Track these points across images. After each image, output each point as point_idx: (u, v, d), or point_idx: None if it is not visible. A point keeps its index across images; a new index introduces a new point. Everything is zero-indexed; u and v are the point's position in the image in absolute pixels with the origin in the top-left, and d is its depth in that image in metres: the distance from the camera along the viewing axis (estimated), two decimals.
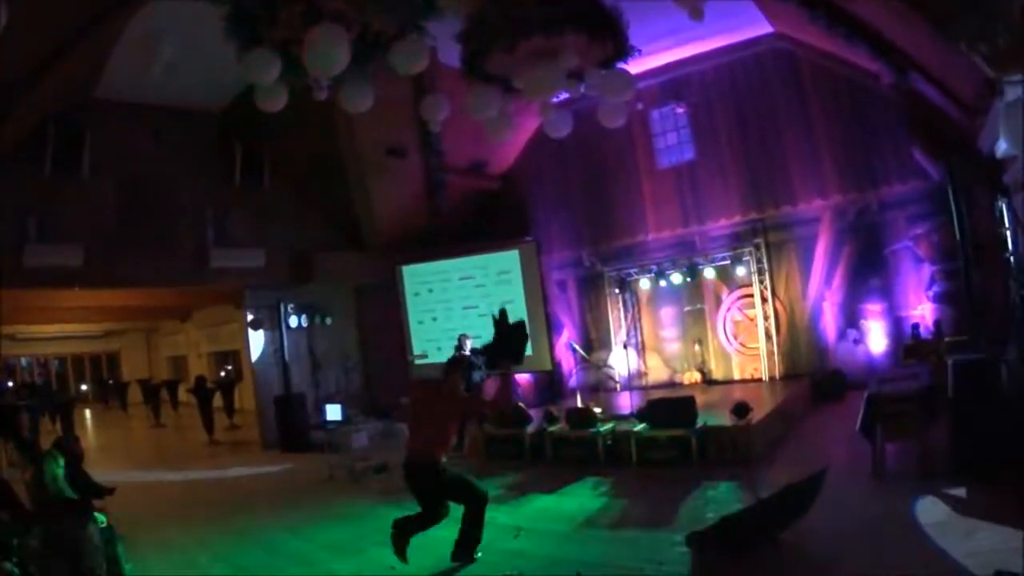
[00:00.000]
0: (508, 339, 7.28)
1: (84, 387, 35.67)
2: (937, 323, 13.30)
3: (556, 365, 18.12)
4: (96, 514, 6.85)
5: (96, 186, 14.21)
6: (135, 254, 14.47)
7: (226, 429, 19.94)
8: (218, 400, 20.29)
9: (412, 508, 7.10)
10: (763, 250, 15.94)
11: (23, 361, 32.91)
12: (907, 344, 13.42)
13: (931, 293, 14.01)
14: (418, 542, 7.01)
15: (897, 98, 12.72)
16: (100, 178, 14.24)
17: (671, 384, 17.13)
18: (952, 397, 7.98)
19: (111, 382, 34.65)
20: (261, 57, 7.74)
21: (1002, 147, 7.69)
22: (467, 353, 12.92)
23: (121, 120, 14.61)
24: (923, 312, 14.02)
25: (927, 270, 14.11)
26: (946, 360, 11.13)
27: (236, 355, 25.16)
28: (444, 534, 7.10)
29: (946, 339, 12.77)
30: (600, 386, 17.34)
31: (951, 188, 11.90)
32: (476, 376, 12.50)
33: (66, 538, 6.26)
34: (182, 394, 25.59)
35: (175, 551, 8.31)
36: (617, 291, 17.88)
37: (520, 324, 7.33)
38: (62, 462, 7.22)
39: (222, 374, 24.90)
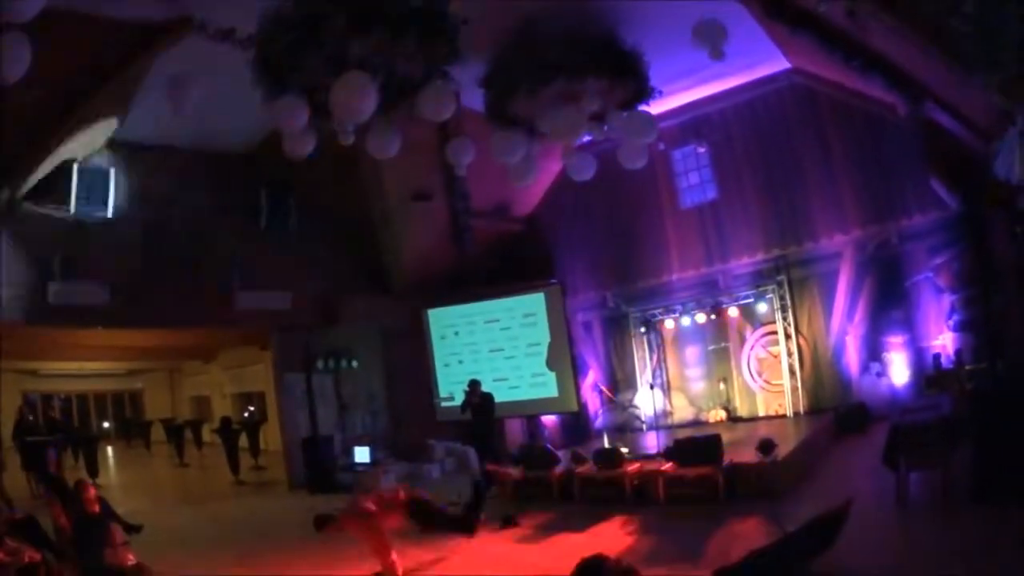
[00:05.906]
0: None
1: (106, 425, 35.61)
2: (958, 352, 13.26)
3: (582, 406, 18.07)
4: None
5: (121, 226, 14.33)
6: (160, 294, 14.59)
7: (251, 469, 19.93)
8: (243, 441, 20.32)
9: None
10: (786, 287, 16.00)
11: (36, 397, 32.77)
12: (929, 374, 13.41)
13: (952, 322, 13.97)
14: None
15: (913, 128, 12.79)
16: (125, 218, 14.38)
17: (697, 423, 17.09)
18: (973, 424, 8.00)
19: (135, 421, 34.62)
20: (288, 104, 7.92)
21: (1017, 174, 7.75)
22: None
23: (146, 161, 14.79)
24: (944, 342, 13.98)
25: (947, 300, 14.08)
26: (967, 388, 11.15)
27: (261, 396, 25.21)
28: None
29: (967, 367, 12.74)
30: (626, 426, 17.35)
31: (968, 216, 11.94)
32: None
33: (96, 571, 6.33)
34: (206, 434, 25.61)
35: None
36: (642, 331, 17.94)
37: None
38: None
39: (245, 415, 24.91)
